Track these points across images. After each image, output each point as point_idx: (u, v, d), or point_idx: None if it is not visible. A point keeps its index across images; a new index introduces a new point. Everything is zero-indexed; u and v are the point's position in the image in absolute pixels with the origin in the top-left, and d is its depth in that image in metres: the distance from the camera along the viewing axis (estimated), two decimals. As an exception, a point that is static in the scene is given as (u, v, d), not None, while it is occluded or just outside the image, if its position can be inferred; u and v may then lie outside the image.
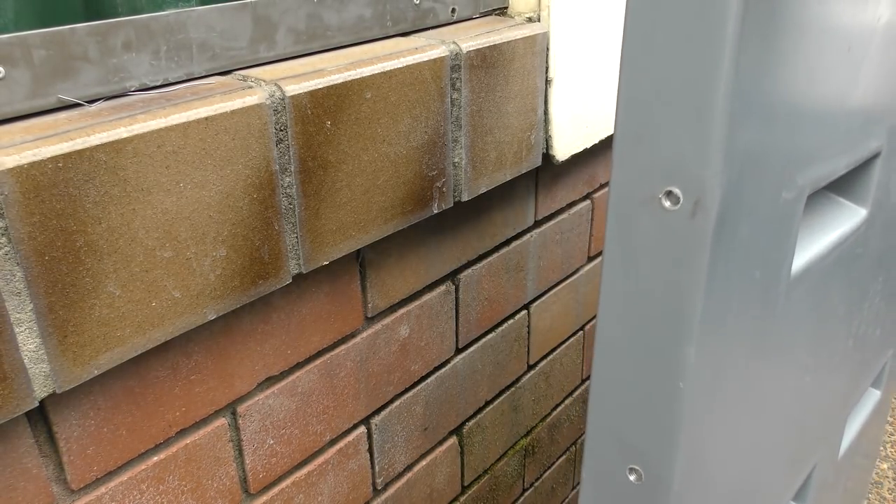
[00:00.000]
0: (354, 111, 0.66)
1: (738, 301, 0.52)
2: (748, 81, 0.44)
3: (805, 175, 0.57)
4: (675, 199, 0.45)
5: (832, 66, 0.55)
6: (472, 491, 1.08)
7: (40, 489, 0.55)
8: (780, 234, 0.56)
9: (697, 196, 0.44)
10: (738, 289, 0.52)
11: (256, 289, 0.63)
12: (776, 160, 0.51)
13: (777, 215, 0.54)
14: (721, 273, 0.48)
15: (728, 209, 0.46)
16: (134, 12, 0.63)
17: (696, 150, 0.44)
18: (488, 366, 1.03)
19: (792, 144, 0.53)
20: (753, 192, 0.49)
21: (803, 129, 0.54)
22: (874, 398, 1.12)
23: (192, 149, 0.55)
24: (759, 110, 0.47)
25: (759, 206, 0.51)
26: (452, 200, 0.80)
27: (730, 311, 0.52)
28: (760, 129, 0.47)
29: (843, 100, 0.60)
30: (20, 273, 0.48)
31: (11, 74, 0.51)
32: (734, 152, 0.45)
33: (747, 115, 0.45)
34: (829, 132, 0.59)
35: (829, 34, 0.53)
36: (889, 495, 1.60)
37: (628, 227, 0.48)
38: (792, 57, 0.49)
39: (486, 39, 0.78)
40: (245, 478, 0.71)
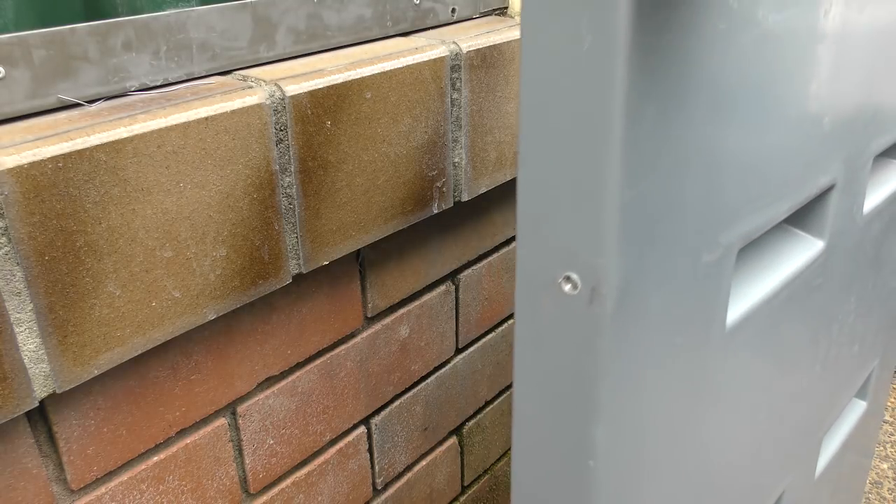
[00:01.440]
0: (354, 111, 0.66)
1: (657, 370, 0.51)
2: (645, 159, 0.42)
3: (730, 233, 0.54)
4: (574, 284, 0.44)
5: (758, 117, 0.53)
6: (472, 491, 1.08)
7: (40, 489, 0.55)
8: (705, 295, 0.54)
9: (594, 283, 0.43)
10: (656, 358, 0.51)
11: (256, 289, 0.63)
12: (690, 226, 0.49)
13: (699, 278, 0.53)
14: (630, 350, 0.47)
15: (630, 290, 0.45)
16: (134, 12, 0.63)
17: (590, 237, 0.43)
18: (488, 366, 1.03)
19: (709, 207, 0.51)
20: (663, 265, 0.48)
21: (722, 190, 0.52)
22: (859, 409, 1.11)
23: (192, 149, 0.55)
24: (661, 183, 0.45)
25: (672, 275, 0.49)
26: (452, 200, 0.80)
27: (645, 383, 0.50)
28: (666, 202, 0.46)
29: (776, 149, 0.58)
30: (20, 273, 0.48)
31: (11, 74, 0.51)
32: (633, 234, 0.44)
33: (647, 193, 0.44)
34: (759, 185, 0.56)
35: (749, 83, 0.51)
36: (889, 495, 1.60)
37: (534, 307, 0.47)
38: (701, 119, 0.47)
39: (487, 39, 0.78)
40: (245, 478, 0.71)
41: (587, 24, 0.38)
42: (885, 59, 0.69)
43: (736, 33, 0.47)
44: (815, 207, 0.71)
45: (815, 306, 0.75)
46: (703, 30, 0.43)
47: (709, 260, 0.53)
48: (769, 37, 0.50)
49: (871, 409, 1.15)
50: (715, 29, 0.44)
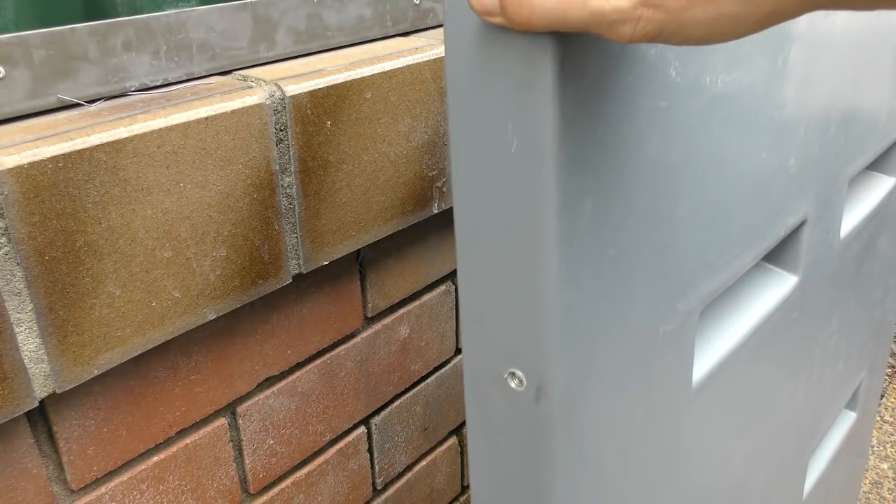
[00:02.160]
0: (354, 111, 0.66)
1: (616, 450, 0.50)
2: (585, 254, 0.40)
3: (690, 298, 0.52)
4: (520, 381, 0.43)
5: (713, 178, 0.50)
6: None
7: (40, 489, 0.55)
8: (665, 363, 0.52)
9: (538, 382, 0.42)
10: (615, 439, 0.49)
11: (256, 289, 0.63)
12: (643, 305, 0.47)
13: (657, 349, 0.50)
14: (584, 438, 0.45)
15: (579, 384, 0.43)
16: (134, 12, 0.63)
17: (531, 338, 0.41)
18: (488, 366, 1.03)
19: (663, 281, 0.49)
20: (616, 351, 0.46)
21: (677, 260, 0.49)
22: (849, 420, 1.10)
23: (192, 149, 0.55)
24: (606, 274, 0.43)
25: (627, 356, 0.47)
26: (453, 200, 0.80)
27: (604, 467, 0.49)
28: (614, 290, 0.44)
29: (736, 204, 0.55)
30: (20, 273, 0.48)
31: (11, 74, 0.51)
32: (578, 330, 0.41)
33: (591, 287, 0.42)
34: (719, 243, 0.54)
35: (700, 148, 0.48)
36: (889, 495, 1.60)
37: (483, 399, 0.45)
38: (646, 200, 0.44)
39: (486, 39, 0.78)
40: (245, 478, 0.71)
41: (512, 128, 0.37)
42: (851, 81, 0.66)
43: (680, 106, 0.44)
44: (786, 244, 0.69)
45: (792, 339, 0.73)
46: (640, 113, 0.41)
47: (667, 330, 0.51)
48: (720, 98, 0.48)
49: (861, 417, 1.14)
50: (656, 108, 0.42)
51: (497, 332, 0.43)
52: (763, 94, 0.53)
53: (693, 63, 0.44)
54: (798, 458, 0.89)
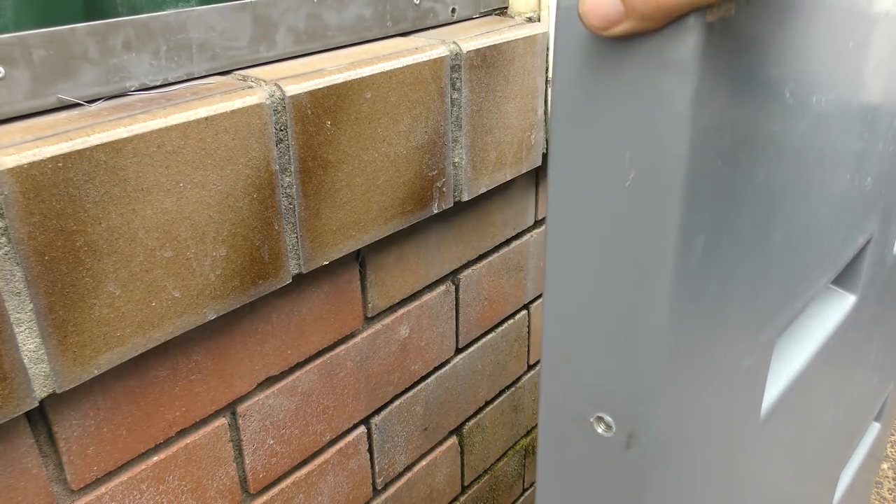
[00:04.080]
0: (354, 111, 0.66)
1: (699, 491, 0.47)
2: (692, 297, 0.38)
3: (770, 330, 0.50)
4: (608, 426, 0.40)
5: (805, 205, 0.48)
6: (472, 491, 1.08)
7: (40, 489, 0.55)
8: (742, 398, 0.50)
9: (630, 429, 0.39)
10: (697, 482, 0.47)
11: (256, 289, 0.63)
12: (734, 342, 0.45)
13: (738, 385, 0.48)
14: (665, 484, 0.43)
15: (669, 430, 0.41)
16: (134, 12, 0.63)
17: (628, 384, 0.38)
18: (488, 366, 1.03)
19: (751, 314, 0.46)
20: (704, 393, 0.43)
21: (765, 293, 0.47)
22: (874, 431, 1.08)
23: (192, 149, 0.55)
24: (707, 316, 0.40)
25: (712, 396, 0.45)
26: (452, 200, 0.80)
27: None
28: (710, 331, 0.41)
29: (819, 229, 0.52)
30: (20, 273, 0.48)
31: (11, 74, 0.51)
32: (676, 378, 0.39)
33: (693, 332, 0.39)
34: (800, 273, 0.52)
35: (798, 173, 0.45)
36: (889, 495, 1.60)
37: (561, 441, 0.43)
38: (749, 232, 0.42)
39: (487, 39, 0.78)
40: (245, 478, 0.71)
41: (630, 157, 0.34)
42: None
43: (789, 129, 0.42)
44: (851, 265, 0.67)
45: (843, 358, 0.71)
46: (756, 138, 0.39)
47: (748, 364, 0.49)
48: (822, 119, 0.46)
49: (883, 427, 1.14)
50: (769, 132, 0.40)
51: (586, 373, 0.40)
52: (856, 110, 0.51)
53: (806, 82, 0.42)
54: (832, 472, 0.87)
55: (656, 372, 0.38)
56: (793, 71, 0.40)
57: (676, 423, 0.42)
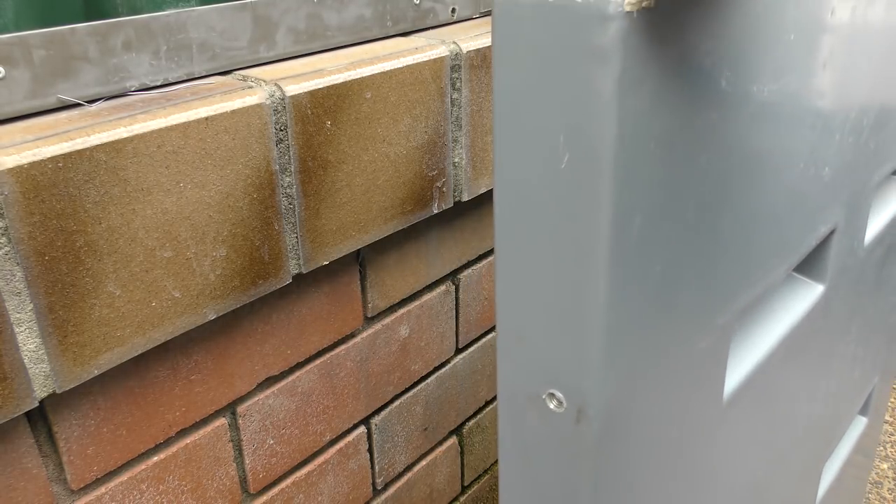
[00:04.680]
0: (354, 111, 0.66)
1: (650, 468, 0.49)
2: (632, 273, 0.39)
3: (726, 313, 0.51)
4: (559, 402, 0.42)
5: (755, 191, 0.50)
6: (472, 491, 1.08)
7: (40, 489, 0.55)
8: (701, 379, 0.51)
9: (580, 404, 0.41)
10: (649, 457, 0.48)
11: (256, 289, 0.63)
12: (683, 322, 0.46)
13: (694, 365, 0.50)
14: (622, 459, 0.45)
15: (620, 406, 0.42)
16: (134, 12, 0.63)
17: (574, 359, 0.40)
18: (488, 366, 1.03)
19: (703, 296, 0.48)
20: (655, 370, 0.45)
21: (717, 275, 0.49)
22: (860, 425, 1.10)
23: (192, 149, 0.55)
24: (650, 292, 0.42)
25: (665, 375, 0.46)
26: (452, 200, 0.80)
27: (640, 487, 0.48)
28: (656, 307, 0.43)
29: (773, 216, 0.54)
30: (20, 273, 0.48)
31: (11, 74, 0.51)
32: (621, 351, 0.41)
33: (636, 306, 0.41)
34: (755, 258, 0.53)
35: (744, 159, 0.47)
36: (889, 495, 1.60)
37: (518, 420, 0.45)
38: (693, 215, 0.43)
39: (487, 39, 0.78)
40: (245, 478, 0.71)
41: (564, 141, 0.36)
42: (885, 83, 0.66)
43: (729, 118, 0.44)
44: (815, 254, 0.68)
45: (815, 348, 0.72)
46: (692, 125, 0.40)
47: (704, 345, 0.50)
48: (766, 108, 0.48)
49: (871, 422, 1.14)
50: (707, 120, 0.41)
51: (537, 352, 0.42)
52: (806, 101, 0.53)
53: (743, 72, 0.44)
54: (814, 465, 0.88)
55: (601, 348, 0.39)
56: (728, 60, 0.41)
57: (627, 398, 0.43)
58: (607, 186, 0.35)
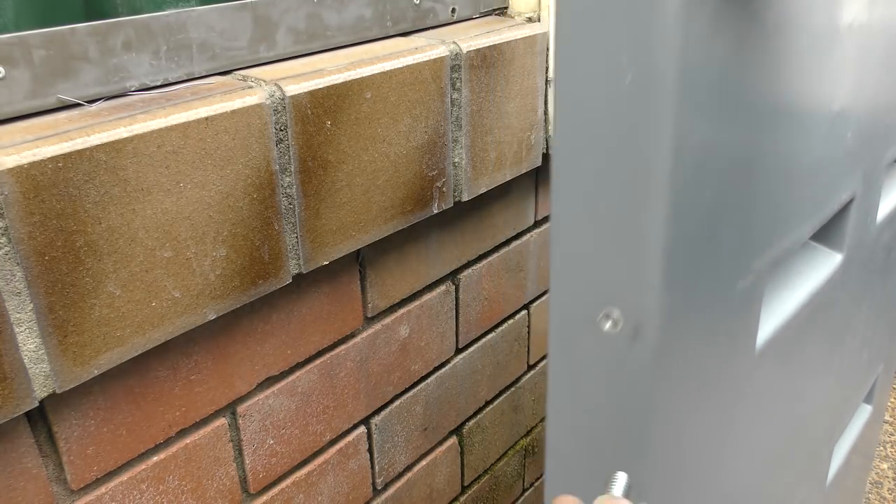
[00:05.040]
0: (354, 111, 0.66)
1: (693, 402, 0.50)
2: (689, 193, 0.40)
3: (762, 259, 0.53)
4: (615, 322, 0.42)
5: (792, 136, 0.51)
6: (472, 491, 1.08)
7: (40, 489, 0.55)
8: (738, 323, 0.52)
9: (637, 321, 0.42)
10: (693, 391, 0.49)
11: (256, 289, 0.63)
12: (726, 255, 0.48)
13: (732, 306, 0.51)
14: (672, 385, 0.45)
15: (673, 325, 0.43)
16: (134, 12, 0.63)
17: (634, 276, 0.41)
18: (488, 366, 1.03)
19: (744, 234, 0.49)
20: (701, 297, 0.46)
21: (756, 216, 0.50)
22: (866, 413, 1.11)
23: (192, 149, 0.55)
24: (704, 215, 0.43)
25: (709, 306, 0.47)
26: (452, 200, 0.80)
27: (685, 416, 0.49)
28: (707, 233, 0.44)
29: (804, 168, 0.56)
30: (20, 273, 0.48)
31: (11, 74, 0.51)
32: (676, 268, 0.42)
33: (691, 226, 0.42)
34: (788, 207, 0.55)
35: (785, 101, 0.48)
36: (889, 495, 1.60)
37: (570, 343, 0.45)
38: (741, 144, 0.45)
39: (487, 39, 0.78)
40: (245, 478, 0.71)
41: (628, 60, 0.36)
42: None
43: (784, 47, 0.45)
44: (834, 221, 0.70)
45: (832, 319, 0.74)
46: (753, 51, 0.41)
47: (742, 287, 0.51)
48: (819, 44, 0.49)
49: (875, 411, 1.15)
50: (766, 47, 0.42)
51: (593, 273, 0.42)
52: (846, 48, 0.54)
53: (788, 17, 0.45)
54: (825, 444, 0.89)
55: (660, 264, 0.40)
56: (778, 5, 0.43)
57: (680, 319, 0.44)
58: (670, 105, 0.36)
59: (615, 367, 0.44)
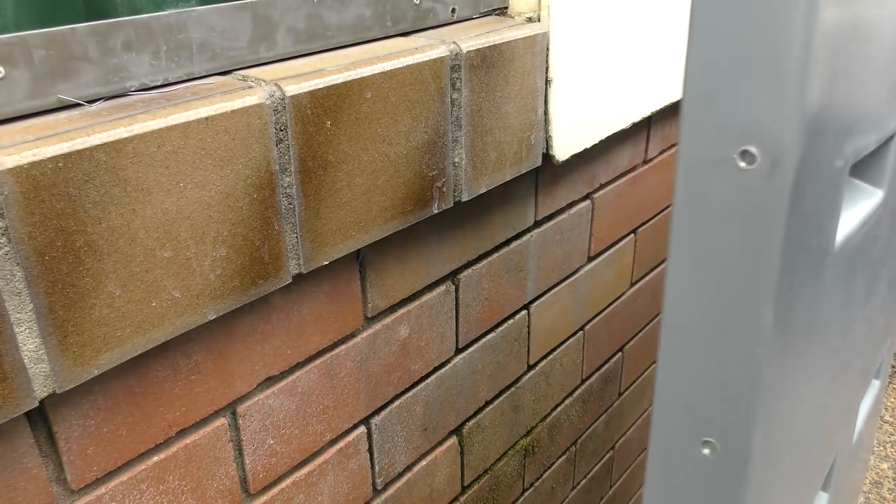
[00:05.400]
0: (354, 111, 0.66)
1: (801, 268, 0.52)
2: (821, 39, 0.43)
3: (851, 144, 0.55)
4: (752, 158, 0.44)
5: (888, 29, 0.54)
6: (472, 491, 1.08)
7: (40, 489, 0.55)
8: (830, 202, 0.55)
9: (775, 155, 0.44)
10: (802, 255, 0.51)
11: (256, 289, 0.63)
12: (833, 126, 0.50)
13: (830, 183, 0.53)
14: (793, 236, 0.48)
15: (801, 170, 0.45)
16: (134, 12, 0.63)
17: (774, 109, 0.43)
18: (488, 366, 1.03)
19: (845, 111, 0.52)
20: (817, 157, 0.48)
21: (856, 95, 0.53)
22: (875, 389, 1.12)
23: (192, 149, 0.55)
24: (825, 71, 0.45)
25: (819, 171, 0.50)
26: (452, 200, 0.80)
27: (796, 276, 0.51)
28: (824, 91, 0.46)
29: (887, 68, 0.58)
30: (20, 273, 0.48)
31: (11, 74, 0.51)
32: (806, 113, 0.44)
33: (816, 76, 0.44)
34: (873, 102, 0.58)
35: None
36: (889, 495, 1.60)
37: (699, 189, 0.47)
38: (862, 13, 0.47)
39: (486, 39, 0.78)
40: (245, 478, 0.71)
41: None
42: None
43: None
44: (878, 156, 0.72)
45: (870, 260, 0.76)
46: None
47: (838, 165, 0.53)
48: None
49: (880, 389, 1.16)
50: None
51: (732, 110, 0.44)
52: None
53: None
54: (856, 396, 0.91)
55: (797, 98, 0.42)
56: None
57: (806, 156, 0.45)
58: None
59: (750, 205, 0.46)
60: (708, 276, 0.49)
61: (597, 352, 1.32)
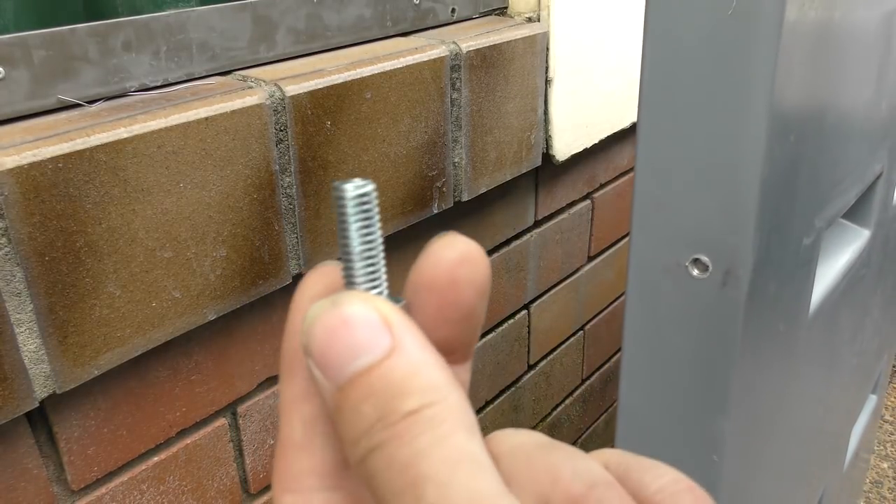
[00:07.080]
0: (354, 111, 0.66)
1: (764, 358, 0.50)
2: (785, 127, 0.40)
3: (822, 216, 0.53)
4: (703, 267, 0.42)
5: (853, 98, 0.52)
6: (472, 491, 1.07)
7: (40, 489, 0.55)
8: (800, 280, 0.53)
9: (728, 265, 0.41)
10: (765, 347, 0.49)
11: (257, 289, 0.63)
12: (799, 208, 0.48)
13: (798, 262, 0.51)
14: (754, 335, 0.46)
15: (759, 273, 0.43)
16: (134, 12, 0.63)
17: (727, 218, 0.41)
18: (488, 366, 1.03)
19: (811, 188, 0.50)
20: (779, 248, 0.46)
21: (823, 170, 0.51)
22: (872, 403, 1.12)
23: (192, 149, 0.55)
24: (788, 156, 0.43)
25: (783, 259, 0.47)
26: (452, 200, 0.80)
27: (758, 371, 0.49)
28: (787, 178, 0.44)
29: (857, 128, 0.56)
30: (20, 273, 0.48)
31: (11, 75, 0.51)
32: (765, 213, 0.42)
33: (778, 169, 0.42)
34: (843, 166, 0.56)
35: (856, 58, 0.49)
36: (889, 494, 1.60)
37: (651, 294, 0.45)
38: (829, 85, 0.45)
39: (486, 39, 0.78)
40: (245, 478, 0.71)
41: None
42: None
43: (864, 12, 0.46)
44: (864, 197, 0.71)
45: (858, 296, 0.75)
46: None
47: (807, 243, 0.52)
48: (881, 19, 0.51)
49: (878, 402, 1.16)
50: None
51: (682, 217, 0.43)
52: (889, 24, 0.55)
53: None
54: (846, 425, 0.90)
55: (751, 204, 0.40)
56: None
57: (762, 263, 0.43)
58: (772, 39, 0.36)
59: (703, 313, 0.43)
60: (662, 382, 0.46)
61: (597, 352, 1.32)
